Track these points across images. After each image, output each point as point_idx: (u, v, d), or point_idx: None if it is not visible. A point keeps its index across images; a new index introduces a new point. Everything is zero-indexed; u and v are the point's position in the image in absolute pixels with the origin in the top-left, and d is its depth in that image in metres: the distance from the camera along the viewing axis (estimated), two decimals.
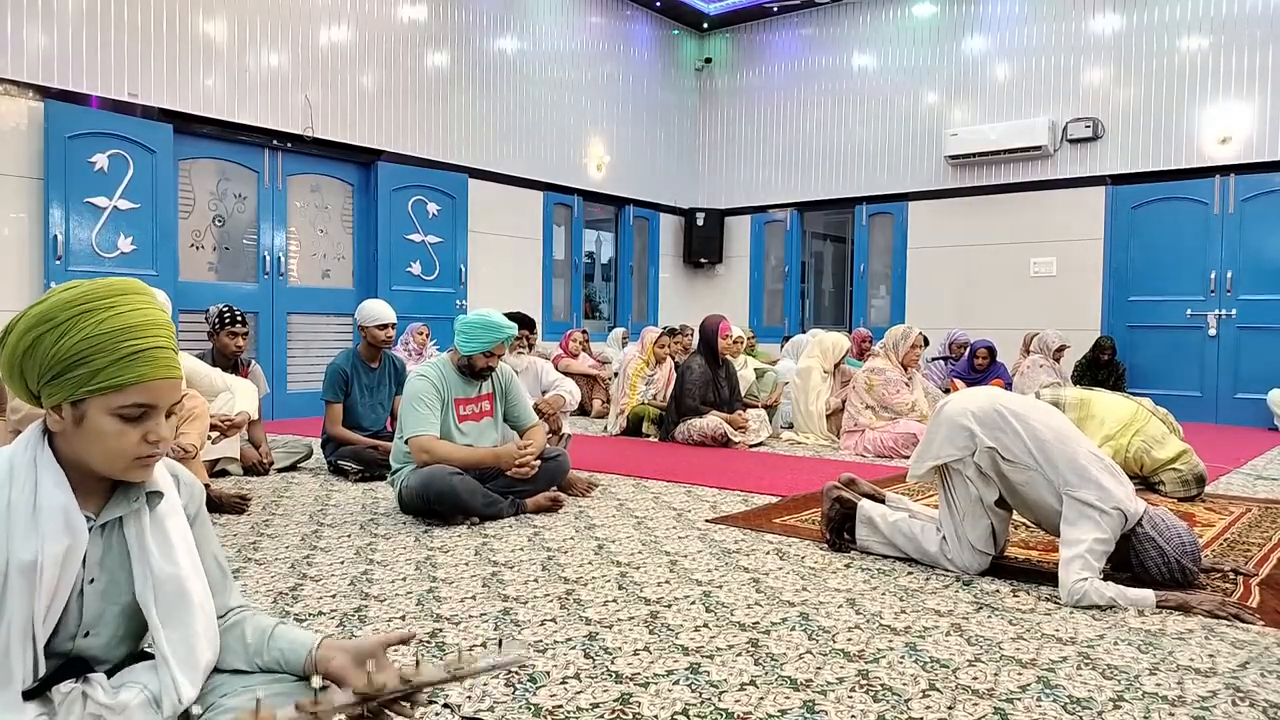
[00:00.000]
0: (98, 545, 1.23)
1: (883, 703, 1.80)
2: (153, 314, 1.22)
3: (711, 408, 6.10)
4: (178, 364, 1.23)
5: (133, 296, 1.22)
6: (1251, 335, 7.86)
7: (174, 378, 1.22)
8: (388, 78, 7.77)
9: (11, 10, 5.67)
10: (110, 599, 1.24)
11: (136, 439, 1.19)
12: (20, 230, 5.76)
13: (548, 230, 9.29)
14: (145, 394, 1.18)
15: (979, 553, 2.71)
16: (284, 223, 7.30)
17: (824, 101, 10.19)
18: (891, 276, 9.83)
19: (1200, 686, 1.91)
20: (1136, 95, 8.29)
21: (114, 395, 1.17)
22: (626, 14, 10.17)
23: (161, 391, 1.20)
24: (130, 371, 1.17)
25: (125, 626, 1.26)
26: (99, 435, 1.18)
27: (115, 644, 1.26)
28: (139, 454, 1.19)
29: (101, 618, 1.24)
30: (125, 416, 1.18)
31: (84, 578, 1.22)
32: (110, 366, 1.16)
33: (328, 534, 3.27)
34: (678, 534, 3.31)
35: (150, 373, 1.19)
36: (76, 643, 1.22)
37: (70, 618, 1.21)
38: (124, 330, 1.18)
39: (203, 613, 1.26)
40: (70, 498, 1.19)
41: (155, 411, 1.20)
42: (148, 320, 1.21)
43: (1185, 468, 4.18)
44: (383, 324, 4.75)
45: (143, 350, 1.18)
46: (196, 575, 1.28)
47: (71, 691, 1.18)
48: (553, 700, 1.79)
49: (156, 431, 1.19)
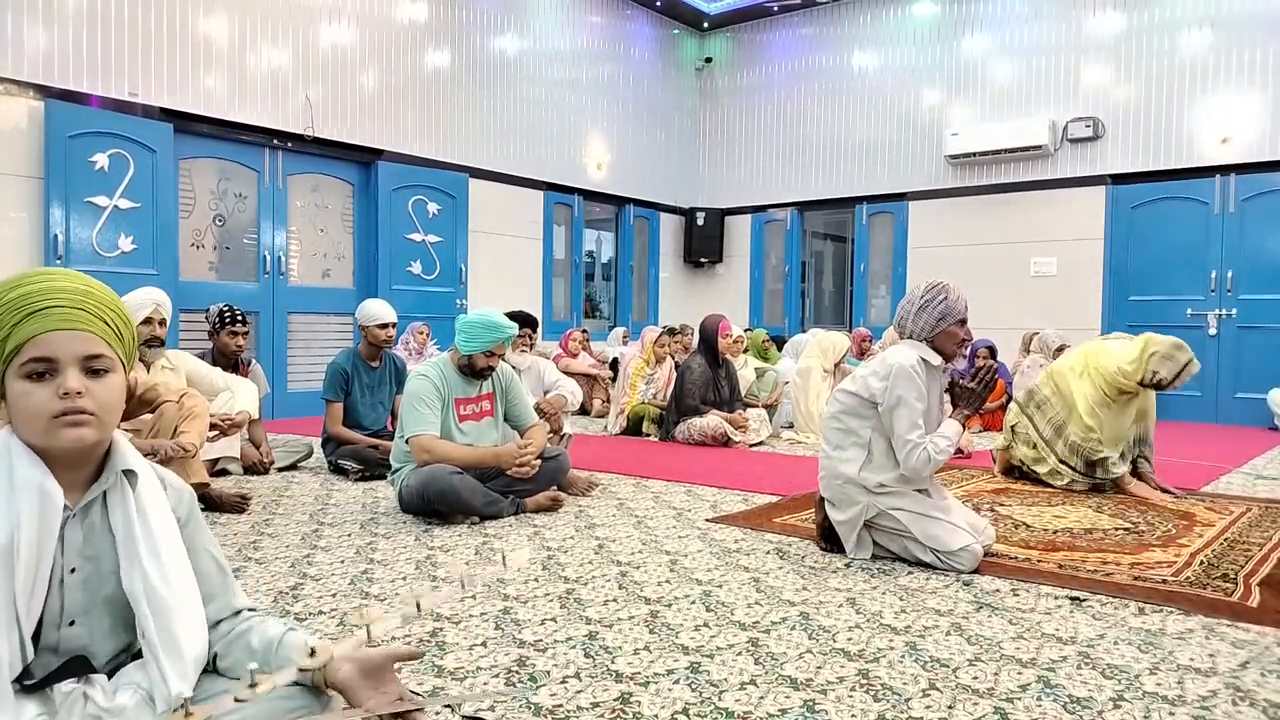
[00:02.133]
0: (77, 532, 1.23)
1: (883, 702, 1.80)
2: (56, 284, 1.23)
3: (712, 407, 6.10)
4: (83, 320, 1.22)
5: (42, 274, 1.24)
6: (1251, 335, 7.86)
7: (72, 329, 1.21)
8: (388, 77, 7.77)
9: (11, 10, 5.67)
10: (94, 589, 1.24)
11: (47, 396, 1.19)
12: (20, 230, 5.76)
13: (548, 230, 9.29)
14: (39, 348, 1.19)
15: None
16: (284, 222, 7.30)
17: (824, 101, 10.19)
18: (891, 276, 9.83)
19: (1200, 686, 1.91)
20: (1137, 95, 8.29)
21: (16, 358, 1.19)
22: (626, 14, 10.17)
23: (58, 343, 1.20)
24: (23, 330, 1.19)
25: (111, 617, 1.26)
26: (17, 402, 1.19)
27: (103, 635, 1.26)
28: (54, 410, 1.18)
29: (86, 608, 1.24)
30: (30, 374, 1.19)
31: (64, 566, 1.21)
32: (10, 333, 1.19)
33: (328, 533, 3.27)
34: (678, 534, 3.31)
35: (42, 326, 1.19)
36: (62, 632, 1.22)
37: (53, 606, 1.20)
38: (23, 297, 1.20)
39: (185, 608, 1.25)
40: (46, 473, 1.20)
41: (60, 365, 1.20)
42: (46, 288, 1.22)
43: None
44: (383, 323, 4.75)
45: (37, 310, 1.20)
46: (180, 570, 1.27)
47: (73, 692, 1.18)
48: (553, 699, 1.79)
49: (64, 384, 1.19)
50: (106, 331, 1.25)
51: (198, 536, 1.35)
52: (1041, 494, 4.26)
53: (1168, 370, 4.07)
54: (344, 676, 1.25)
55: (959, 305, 2.98)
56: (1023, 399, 4.62)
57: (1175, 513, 3.82)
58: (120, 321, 1.28)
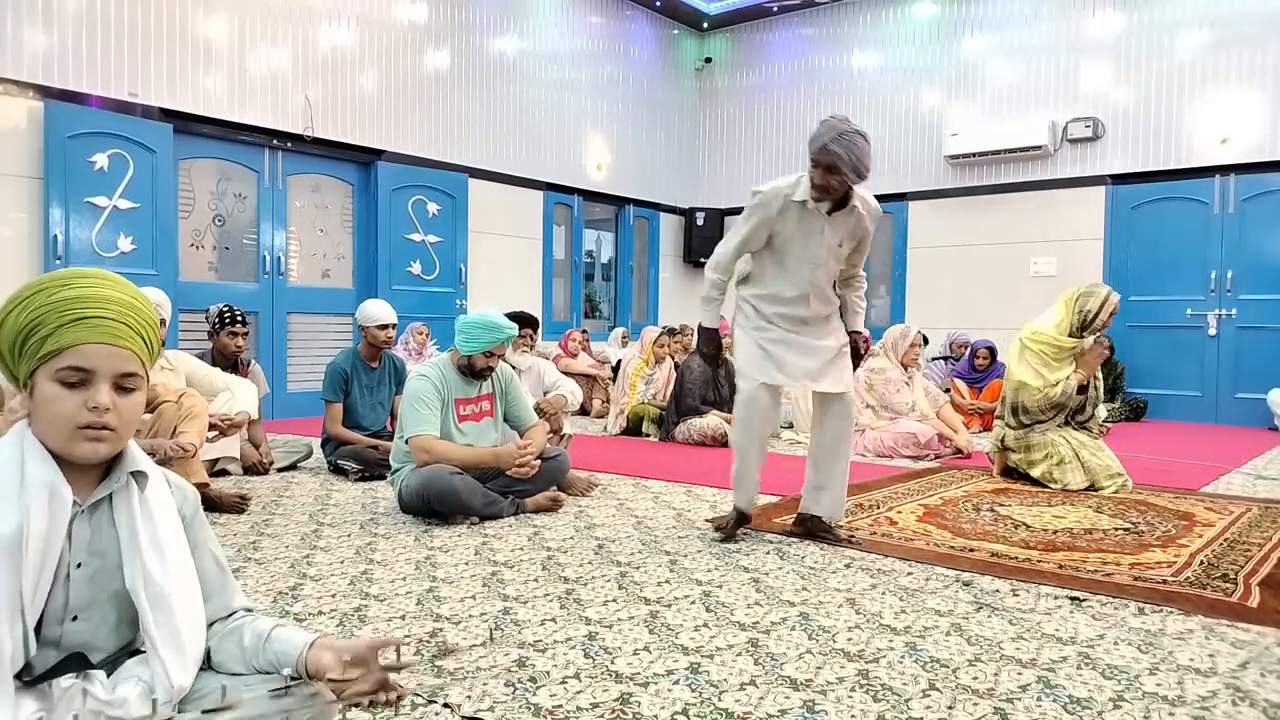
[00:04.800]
0: (85, 528, 1.24)
1: (883, 703, 1.80)
2: (105, 292, 1.24)
3: (711, 407, 6.10)
4: (125, 336, 1.23)
5: (92, 278, 1.25)
6: (1251, 335, 7.86)
7: (113, 345, 1.22)
8: (388, 78, 7.76)
9: (11, 10, 5.67)
10: (100, 585, 1.25)
11: (76, 405, 1.19)
12: (20, 230, 5.76)
13: (548, 230, 9.29)
14: (80, 358, 1.19)
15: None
16: (284, 222, 7.30)
17: (824, 101, 10.18)
18: (891, 276, 9.83)
19: (1200, 686, 1.91)
20: (1136, 95, 8.28)
21: (54, 361, 1.19)
22: (626, 14, 10.17)
23: (98, 357, 1.20)
24: (66, 336, 1.19)
25: (116, 613, 1.27)
26: (44, 403, 1.20)
27: (106, 631, 1.27)
28: (80, 421, 1.19)
29: (91, 603, 1.25)
30: (64, 382, 1.19)
31: (71, 562, 1.22)
32: (52, 334, 1.19)
33: (328, 533, 3.27)
34: (678, 534, 3.31)
35: (85, 337, 1.20)
36: (65, 627, 1.22)
37: (57, 601, 1.21)
38: (68, 300, 1.20)
39: (186, 603, 1.26)
40: (57, 473, 1.20)
41: (94, 378, 1.20)
42: (96, 295, 1.23)
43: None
44: (383, 324, 4.75)
45: (82, 318, 1.20)
46: (183, 567, 1.29)
47: (71, 687, 1.19)
48: (553, 700, 1.79)
49: (95, 398, 1.20)
50: (142, 349, 1.27)
51: (200, 535, 1.36)
52: (1041, 494, 4.26)
53: (1093, 304, 4.39)
54: (325, 665, 1.26)
55: (823, 138, 2.93)
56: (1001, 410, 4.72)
57: (1175, 513, 3.81)
58: (154, 338, 1.30)
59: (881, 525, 3.48)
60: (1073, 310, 4.45)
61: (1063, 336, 4.47)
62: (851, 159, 2.89)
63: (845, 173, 2.92)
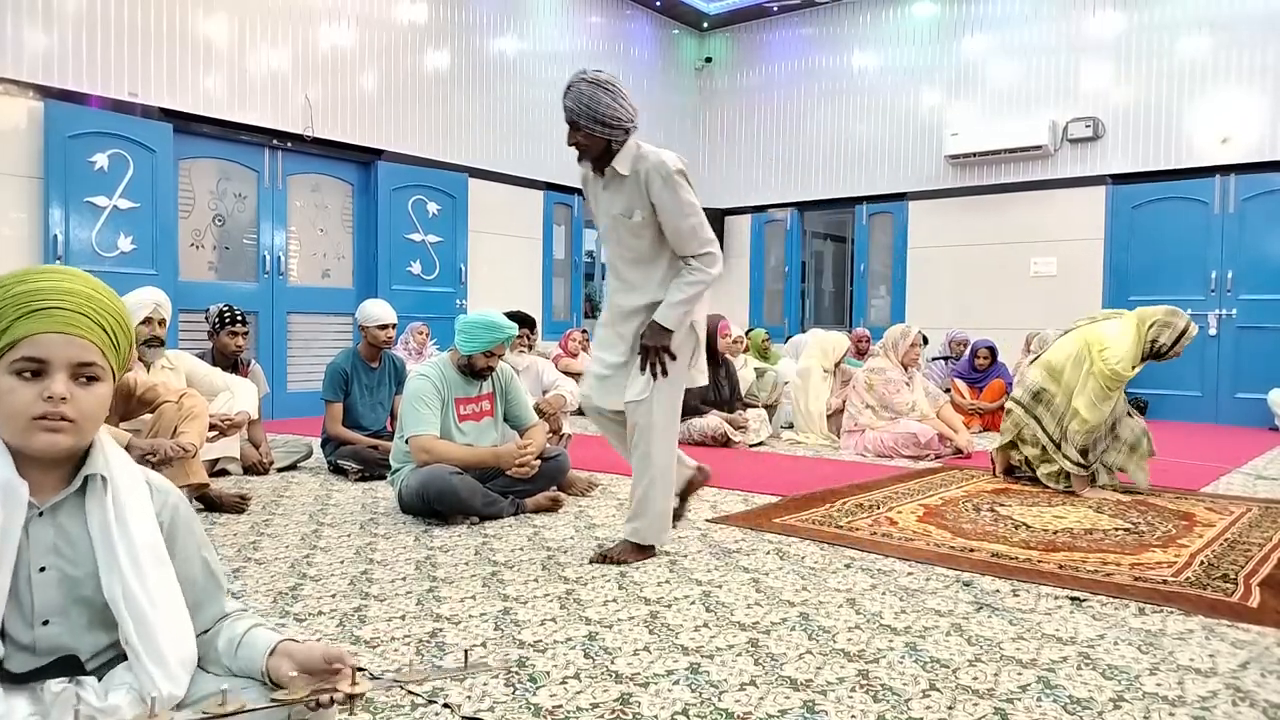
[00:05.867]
0: (47, 530, 1.22)
1: (883, 703, 1.80)
2: (62, 284, 1.22)
3: (711, 407, 6.10)
4: (82, 326, 1.22)
5: (50, 273, 1.23)
6: (1251, 335, 7.86)
7: (68, 334, 1.20)
8: (388, 78, 7.76)
9: (11, 10, 5.67)
10: (69, 590, 1.23)
11: (32, 397, 1.18)
12: (20, 230, 5.76)
13: (548, 230, 9.29)
14: (34, 348, 1.18)
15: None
16: (284, 222, 7.30)
17: (824, 101, 10.19)
18: (891, 276, 9.83)
19: (1200, 686, 1.91)
20: (1137, 95, 8.28)
21: (9, 354, 1.18)
22: (626, 14, 10.17)
23: (53, 346, 1.19)
24: (20, 328, 1.18)
25: (90, 617, 1.25)
26: (1, 398, 1.18)
27: (82, 634, 1.25)
28: (35, 412, 1.18)
29: (63, 608, 1.23)
30: (19, 372, 1.18)
31: (32, 564, 1.21)
32: (8, 328, 1.18)
33: (328, 534, 3.27)
34: (677, 534, 3.31)
35: (39, 327, 1.19)
36: (36, 631, 1.21)
37: (23, 604, 1.20)
38: (24, 294, 1.19)
39: (167, 613, 1.24)
40: (13, 471, 1.19)
41: (49, 368, 1.19)
42: (53, 287, 1.21)
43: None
44: (383, 324, 4.75)
45: (38, 309, 1.19)
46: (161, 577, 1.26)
47: (64, 691, 1.18)
48: (552, 700, 1.79)
49: (50, 388, 1.18)
50: (104, 340, 1.24)
51: (188, 541, 1.33)
52: (1041, 494, 4.26)
53: (1167, 335, 4.16)
54: (281, 672, 1.25)
55: (562, 98, 2.75)
56: (1028, 401, 4.49)
57: (1175, 513, 3.82)
58: (119, 330, 1.27)
59: (882, 525, 3.48)
60: (1145, 338, 4.16)
61: (1128, 368, 4.18)
62: (581, 107, 2.67)
63: (583, 124, 2.70)
